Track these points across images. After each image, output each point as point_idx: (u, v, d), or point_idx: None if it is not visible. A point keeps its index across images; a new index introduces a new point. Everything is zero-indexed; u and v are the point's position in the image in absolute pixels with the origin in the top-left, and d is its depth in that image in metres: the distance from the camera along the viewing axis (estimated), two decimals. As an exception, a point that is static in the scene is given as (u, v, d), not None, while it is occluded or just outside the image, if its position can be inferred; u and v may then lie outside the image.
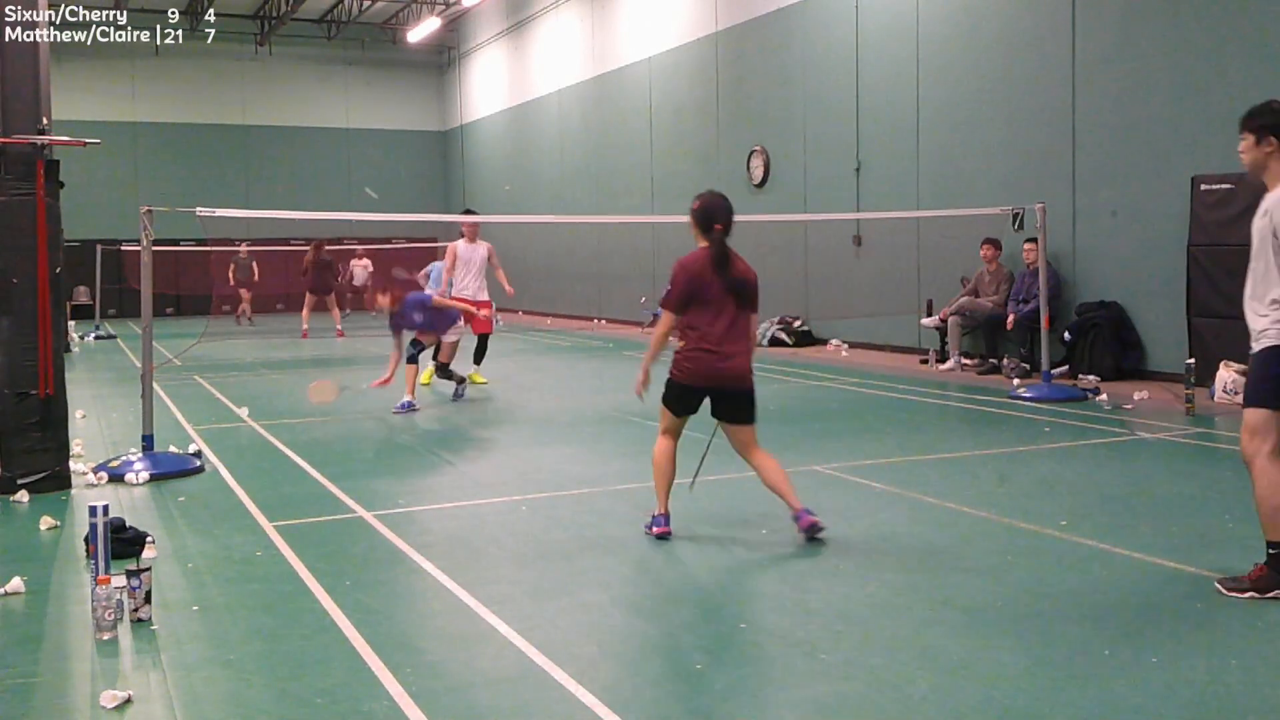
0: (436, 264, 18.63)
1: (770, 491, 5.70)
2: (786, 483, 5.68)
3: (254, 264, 24.41)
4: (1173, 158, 11.16)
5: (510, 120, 28.33)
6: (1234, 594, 4.60)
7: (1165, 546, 5.36)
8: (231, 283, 24.36)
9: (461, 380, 11.28)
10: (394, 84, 32.27)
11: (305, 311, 20.54)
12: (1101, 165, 11.97)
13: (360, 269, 26.46)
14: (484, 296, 12.13)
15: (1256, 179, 4.82)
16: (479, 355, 12.26)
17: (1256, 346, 4.77)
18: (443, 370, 11.25)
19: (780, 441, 8.56)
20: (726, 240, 5.65)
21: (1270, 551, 4.62)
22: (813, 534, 5.52)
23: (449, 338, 11.02)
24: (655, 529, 5.68)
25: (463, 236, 12.13)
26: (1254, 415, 4.69)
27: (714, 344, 5.55)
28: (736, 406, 5.67)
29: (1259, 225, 4.78)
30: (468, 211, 12.35)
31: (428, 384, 11.90)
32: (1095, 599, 4.63)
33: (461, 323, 11.22)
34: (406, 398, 10.43)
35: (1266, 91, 10.30)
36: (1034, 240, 12.11)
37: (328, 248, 21.51)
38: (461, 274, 12.02)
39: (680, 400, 5.71)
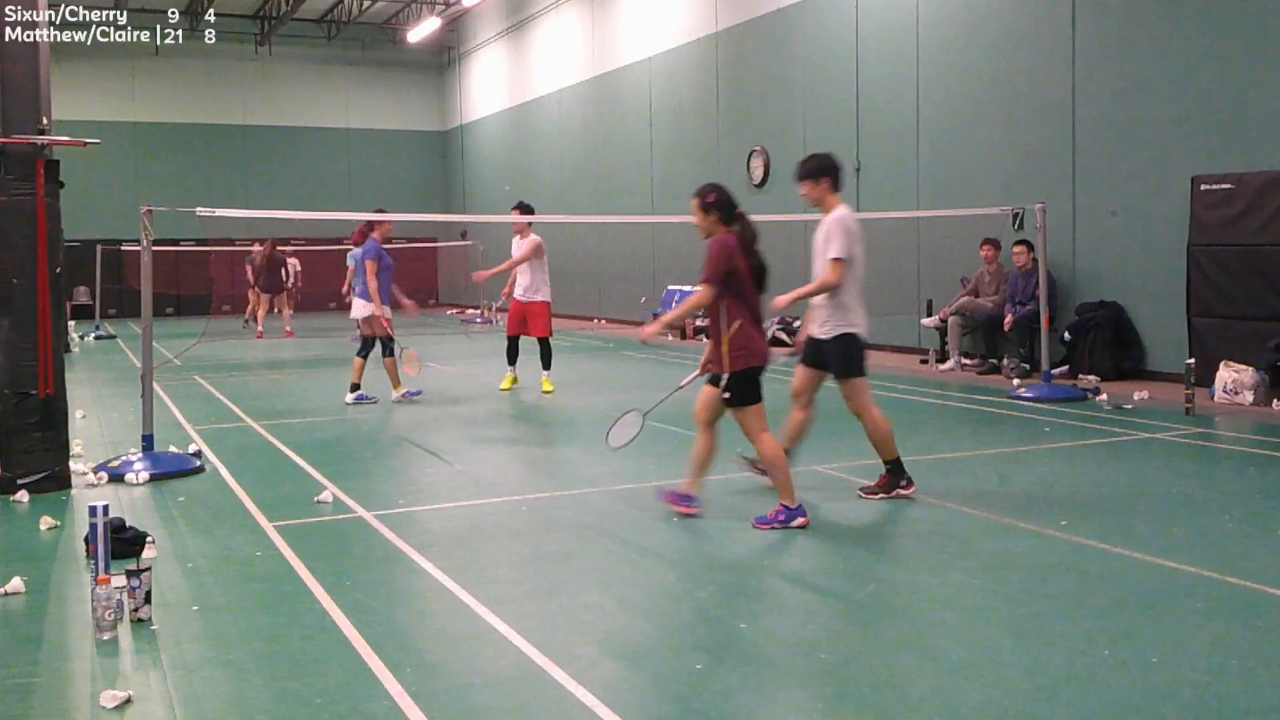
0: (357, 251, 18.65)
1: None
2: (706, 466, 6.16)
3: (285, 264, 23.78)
4: (1173, 158, 11.16)
5: (510, 120, 28.33)
6: (870, 497, 6.41)
7: (1165, 546, 5.36)
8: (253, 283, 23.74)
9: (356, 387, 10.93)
10: (394, 84, 32.27)
11: (261, 312, 20.51)
12: (1101, 165, 11.97)
13: (290, 267, 25.34)
14: (538, 297, 11.41)
15: (820, 209, 6.53)
16: (545, 360, 11.65)
17: (831, 334, 6.41)
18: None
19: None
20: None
21: (887, 466, 6.45)
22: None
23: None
24: (798, 520, 5.84)
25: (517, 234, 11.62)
26: (849, 384, 6.39)
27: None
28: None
29: (817, 238, 6.46)
30: (520, 205, 11.73)
31: (509, 389, 11.65)
32: (1095, 599, 4.63)
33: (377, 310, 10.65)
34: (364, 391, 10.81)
35: (1267, 92, 10.33)
36: (1023, 243, 12.14)
37: (280, 249, 21.47)
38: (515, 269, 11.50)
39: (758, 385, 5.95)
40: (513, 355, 11.75)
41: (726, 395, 5.81)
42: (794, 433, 6.65)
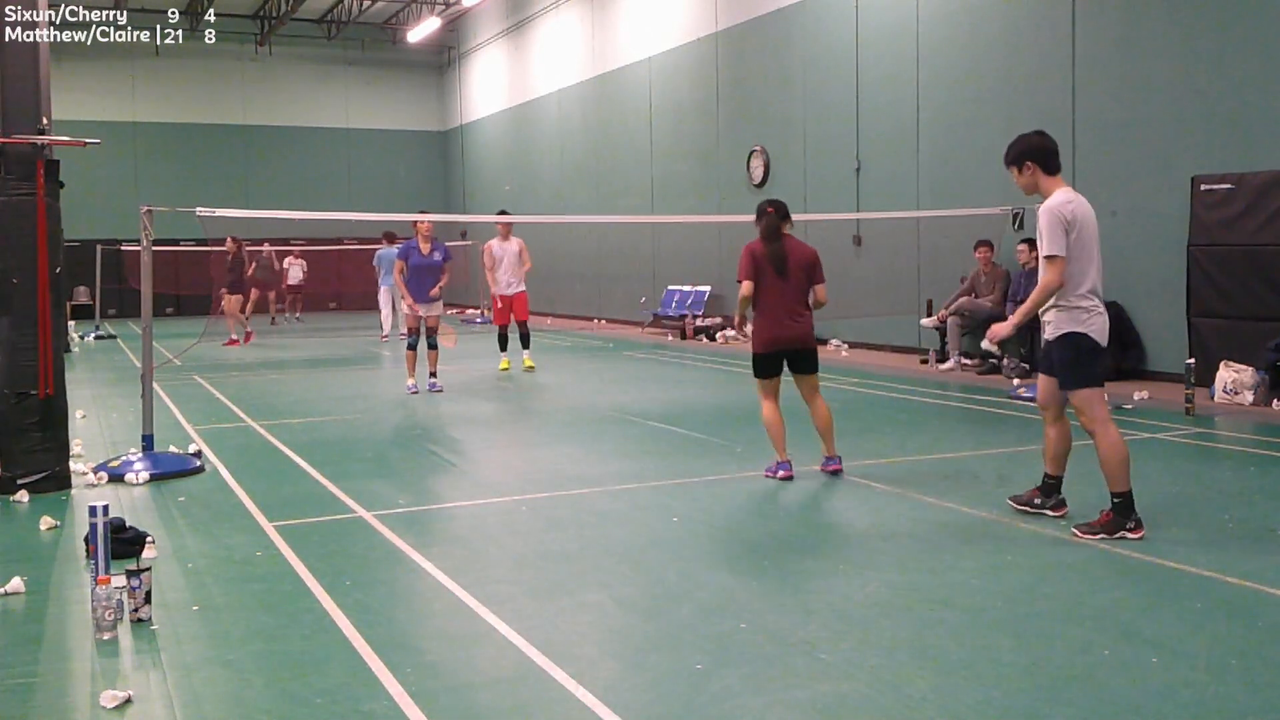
0: (384, 251, 19.43)
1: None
2: (830, 430, 7.14)
3: (275, 263, 23.88)
4: (1173, 158, 11.16)
5: (510, 120, 28.33)
6: (1087, 537, 5.46)
7: (1165, 546, 5.35)
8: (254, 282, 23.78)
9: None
10: (394, 84, 32.26)
11: (249, 309, 20.54)
12: (1101, 165, 11.97)
13: (297, 267, 25.74)
14: (520, 289, 13.53)
15: (1034, 196, 5.90)
16: (525, 341, 13.78)
17: (1054, 334, 5.66)
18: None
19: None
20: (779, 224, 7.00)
21: (1115, 500, 5.51)
22: (833, 473, 7.08)
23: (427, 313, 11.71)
24: (782, 473, 6.94)
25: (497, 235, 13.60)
26: (1080, 395, 5.60)
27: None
28: (805, 360, 7.10)
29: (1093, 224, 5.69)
30: (502, 213, 15.24)
31: (507, 369, 13.48)
32: (1095, 599, 4.63)
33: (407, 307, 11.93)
34: (410, 381, 11.75)
35: (1267, 92, 10.34)
36: (1027, 241, 12.12)
37: (274, 249, 21.69)
38: (497, 269, 13.50)
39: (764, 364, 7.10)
40: (505, 342, 13.78)
41: None
42: (1051, 451, 5.96)
